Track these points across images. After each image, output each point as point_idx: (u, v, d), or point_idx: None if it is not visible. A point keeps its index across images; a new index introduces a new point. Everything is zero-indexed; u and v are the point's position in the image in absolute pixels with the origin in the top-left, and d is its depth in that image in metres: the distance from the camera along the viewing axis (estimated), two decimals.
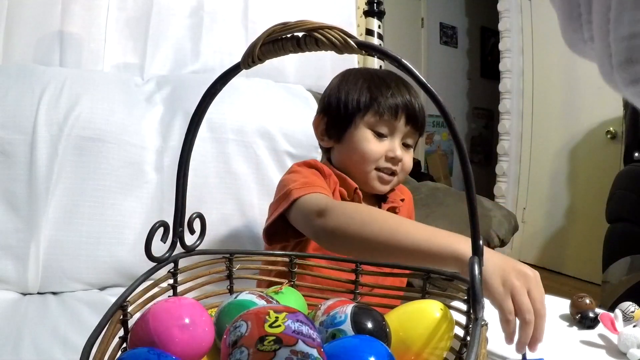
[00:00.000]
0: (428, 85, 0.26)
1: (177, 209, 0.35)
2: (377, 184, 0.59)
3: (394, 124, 0.58)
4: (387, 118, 0.57)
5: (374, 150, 0.57)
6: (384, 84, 0.58)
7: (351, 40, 0.27)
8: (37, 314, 0.62)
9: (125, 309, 0.29)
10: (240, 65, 0.31)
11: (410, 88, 0.59)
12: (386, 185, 0.59)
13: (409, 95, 0.58)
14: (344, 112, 0.59)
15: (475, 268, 0.26)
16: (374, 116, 0.57)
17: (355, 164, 0.59)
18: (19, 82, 0.74)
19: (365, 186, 0.59)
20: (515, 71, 2.12)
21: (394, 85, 0.58)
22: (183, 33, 0.96)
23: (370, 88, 0.58)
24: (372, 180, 0.59)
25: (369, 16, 1.32)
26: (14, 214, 0.68)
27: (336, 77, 0.63)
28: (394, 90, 0.58)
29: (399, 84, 0.59)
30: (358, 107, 0.58)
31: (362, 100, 0.58)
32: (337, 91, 0.60)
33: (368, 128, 0.58)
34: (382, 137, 0.58)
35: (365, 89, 0.58)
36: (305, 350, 0.24)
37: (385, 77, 0.59)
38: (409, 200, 0.68)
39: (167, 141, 0.79)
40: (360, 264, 0.41)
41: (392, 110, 0.57)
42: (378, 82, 0.58)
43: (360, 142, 0.58)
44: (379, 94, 0.58)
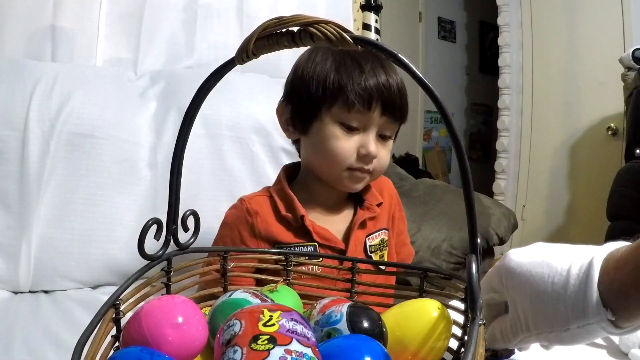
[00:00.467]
0: (425, 81, 0.25)
1: (170, 206, 0.35)
2: (348, 183, 0.52)
3: (368, 116, 0.49)
4: (359, 109, 0.48)
5: (344, 148, 0.49)
6: (356, 67, 0.48)
7: (347, 35, 0.26)
8: (28, 313, 0.62)
9: (118, 307, 0.28)
10: (234, 61, 0.30)
11: (388, 68, 0.50)
12: (359, 183, 0.52)
13: (386, 77, 0.49)
14: (308, 102, 0.50)
15: (472, 266, 0.25)
16: (343, 108, 0.48)
17: (323, 164, 0.52)
18: (10, 77, 0.73)
19: (337, 186, 0.53)
20: (514, 66, 2.11)
21: (369, 69, 0.48)
22: (177, 28, 0.95)
23: (339, 71, 0.48)
24: (343, 181, 0.52)
25: (365, 10, 1.31)
26: (5, 211, 0.68)
27: (304, 54, 0.52)
28: (367, 74, 0.48)
29: (375, 66, 0.49)
30: (323, 97, 0.49)
31: (329, 87, 0.48)
32: (302, 73, 0.51)
33: (336, 122, 0.49)
34: (353, 130, 0.49)
35: (333, 73, 0.48)
36: (299, 350, 0.24)
37: (359, 57, 0.49)
38: (390, 197, 0.59)
39: (160, 137, 0.78)
40: (357, 262, 0.40)
41: (364, 101, 0.48)
42: (349, 65, 0.48)
43: (327, 140, 0.49)
44: (348, 80, 0.48)
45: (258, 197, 0.54)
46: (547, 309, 0.29)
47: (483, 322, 0.25)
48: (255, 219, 0.51)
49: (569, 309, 0.28)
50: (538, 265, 0.30)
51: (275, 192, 0.54)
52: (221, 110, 0.82)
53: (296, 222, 0.51)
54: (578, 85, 1.90)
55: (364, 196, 0.56)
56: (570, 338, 0.29)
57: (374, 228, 0.55)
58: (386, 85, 0.48)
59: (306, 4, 1.05)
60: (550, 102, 2.01)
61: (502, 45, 2.14)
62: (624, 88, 1.49)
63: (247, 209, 0.52)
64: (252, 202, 0.53)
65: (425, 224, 0.91)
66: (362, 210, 0.55)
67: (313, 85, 0.49)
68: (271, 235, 0.50)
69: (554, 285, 0.28)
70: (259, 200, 0.53)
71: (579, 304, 0.27)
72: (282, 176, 0.55)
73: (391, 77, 0.49)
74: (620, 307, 0.27)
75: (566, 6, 1.89)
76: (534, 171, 2.09)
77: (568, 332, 0.28)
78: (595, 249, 0.29)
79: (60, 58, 0.86)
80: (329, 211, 0.55)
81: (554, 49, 1.97)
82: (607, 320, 0.27)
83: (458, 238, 0.89)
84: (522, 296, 0.30)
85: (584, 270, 0.28)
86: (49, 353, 0.54)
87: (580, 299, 0.27)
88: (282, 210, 0.52)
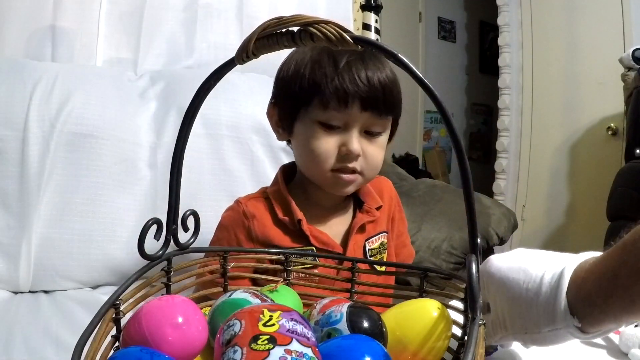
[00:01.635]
0: (425, 81, 0.25)
1: (170, 206, 0.34)
2: (334, 187, 0.49)
3: (346, 113, 0.46)
4: (335, 107, 0.46)
5: (323, 148, 0.47)
6: (331, 63, 0.46)
7: (347, 34, 0.26)
8: (28, 313, 0.61)
9: (118, 307, 0.28)
10: (234, 61, 0.30)
11: (370, 63, 0.46)
12: (347, 187, 0.49)
13: (365, 72, 0.45)
14: (289, 103, 0.49)
15: (472, 266, 0.25)
16: (319, 107, 0.46)
17: (308, 166, 0.50)
18: (10, 77, 0.73)
19: (326, 189, 0.51)
20: (514, 66, 2.11)
21: (344, 64, 0.45)
22: (177, 27, 0.95)
23: (314, 70, 0.46)
24: (330, 185, 0.49)
25: (365, 10, 1.31)
26: (5, 211, 0.68)
27: (290, 53, 0.50)
28: (342, 70, 0.45)
29: (352, 60, 0.46)
30: (301, 97, 0.47)
31: (304, 87, 0.46)
32: (282, 74, 0.49)
33: (315, 121, 0.47)
34: (333, 129, 0.47)
35: (309, 72, 0.46)
36: (299, 350, 0.24)
37: (336, 53, 0.46)
38: (390, 198, 0.58)
39: (160, 137, 0.78)
40: (357, 262, 0.40)
41: (340, 98, 0.45)
42: (324, 62, 0.46)
43: (308, 141, 0.47)
44: (322, 77, 0.45)
45: (255, 199, 0.53)
46: (521, 312, 0.31)
47: (483, 322, 0.25)
48: (252, 222, 0.50)
49: (540, 314, 0.30)
50: (515, 271, 0.32)
51: (272, 194, 0.52)
52: (221, 110, 0.82)
53: (293, 225, 0.50)
54: (578, 85, 1.90)
55: (364, 198, 0.54)
56: (542, 340, 0.31)
57: (374, 231, 0.54)
58: (363, 80, 0.45)
59: (306, 4, 1.05)
60: (550, 102, 2.01)
61: (502, 45, 2.14)
62: (624, 88, 1.49)
63: (244, 212, 0.51)
64: (248, 205, 0.52)
65: (425, 224, 0.91)
66: (361, 214, 0.53)
67: (291, 86, 0.48)
68: (268, 239, 0.49)
69: (528, 291, 0.31)
70: (255, 203, 0.52)
71: (549, 310, 0.30)
72: (279, 177, 0.54)
73: (370, 71, 0.46)
74: (586, 315, 0.29)
75: (566, 6, 1.89)
76: (534, 171, 2.09)
77: (540, 334, 0.31)
78: (569, 258, 0.32)
79: (60, 58, 0.86)
80: (326, 213, 0.53)
81: (554, 49, 1.97)
82: (574, 326, 0.29)
83: (458, 238, 0.89)
84: (501, 299, 0.33)
85: (555, 278, 0.30)
86: (49, 353, 0.54)
87: (550, 306, 0.30)
88: (279, 214, 0.50)
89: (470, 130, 2.83)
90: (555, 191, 1.99)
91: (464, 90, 2.77)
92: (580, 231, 1.89)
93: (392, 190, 0.59)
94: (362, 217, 0.53)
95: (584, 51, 1.86)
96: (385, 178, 0.60)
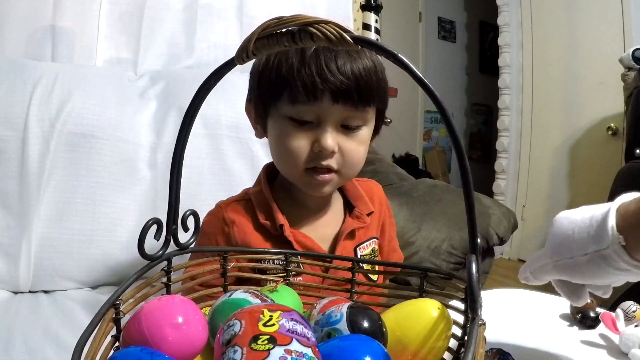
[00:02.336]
0: (425, 81, 0.25)
1: (170, 206, 0.34)
2: (309, 187, 0.46)
3: (316, 106, 0.42)
4: (304, 101, 0.42)
5: (294, 146, 0.43)
6: (298, 54, 0.42)
7: (347, 34, 0.26)
8: (28, 313, 0.61)
9: (118, 307, 0.28)
10: (234, 61, 0.30)
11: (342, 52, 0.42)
12: (323, 187, 0.46)
13: (336, 61, 0.42)
14: (259, 99, 0.46)
15: (472, 266, 0.25)
16: (287, 101, 0.43)
17: (281, 165, 0.47)
18: (10, 78, 0.73)
19: (304, 190, 0.47)
20: (514, 66, 2.12)
21: (311, 54, 0.42)
22: (177, 28, 0.95)
23: (281, 63, 0.43)
24: (304, 185, 0.46)
25: (366, 10, 1.31)
26: (5, 211, 0.68)
27: None
28: (309, 61, 0.41)
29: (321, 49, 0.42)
30: (269, 93, 0.44)
31: (272, 81, 0.43)
32: (254, 70, 0.46)
33: (285, 117, 0.44)
34: (305, 125, 0.43)
35: (276, 65, 0.43)
36: (299, 350, 0.24)
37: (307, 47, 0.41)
38: (380, 204, 0.55)
39: (160, 137, 0.78)
40: (357, 262, 0.40)
41: (308, 90, 0.41)
42: (291, 54, 0.42)
43: (278, 137, 0.45)
44: (288, 70, 0.42)
45: (236, 202, 0.50)
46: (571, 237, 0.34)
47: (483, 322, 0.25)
48: (231, 229, 0.47)
49: (590, 234, 0.33)
50: (573, 213, 0.36)
51: (254, 196, 0.49)
52: (221, 110, 0.82)
53: (275, 230, 0.47)
54: (578, 85, 1.90)
55: (355, 203, 0.51)
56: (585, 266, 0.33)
57: (364, 237, 0.51)
58: (332, 70, 0.41)
59: (306, 4, 1.05)
60: (550, 102, 2.01)
61: (502, 45, 2.15)
62: (624, 88, 1.49)
63: (224, 218, 0.48)
64: (228, 210, 0.49)
65: (425, 224, 0.91)
66: (351, 219, 0.50)
67: (261, 80, 0.45)
68: (248, 246, 0.47)
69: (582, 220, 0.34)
70: (236, 207, 0.49)
71: (599, 229, 0.32)
72: (262, 176, 0.51)
73: (341, 59, 0.42)
74: (632, 238, 0.31)
75: (566, 6, 1.89)
76: (534, 171, 2.09)
77: (585, 257, 0.33)
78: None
79: (60, 58, 0.86)
80: (312, 215, 0.50)
81: (554, 48, 1.97)
82: (620, 245, 0.31)
83: (458, 238, 0.88)
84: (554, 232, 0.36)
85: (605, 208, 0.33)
86: (49, 353, 0.54)
87: (600, 226, 0.32)
88: (260, 218, 0.47)
89: (471, 130, 2.83)
90: (555, 191, 2.00)
91: (464, 90, 2.78)
92: None
93: (382, 195, 0.57)
94: (352, 223, 0.50)
95: (584, 51, 1.86)
96: (376, 182, 0.57)
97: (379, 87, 0.45)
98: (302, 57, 0.42)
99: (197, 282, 0.37)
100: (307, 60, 0.42)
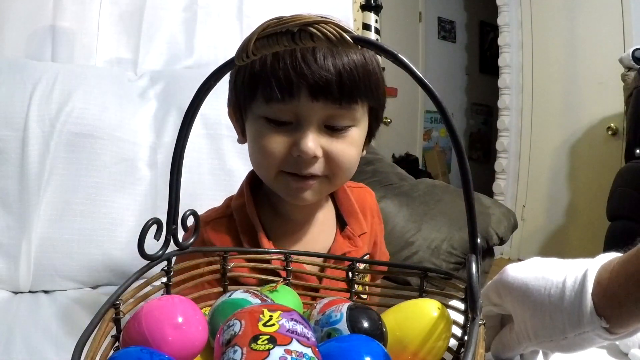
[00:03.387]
0: (425, 81, 0.25)
1: (170, 206, 0.34)
2: (290, 196, 0.41)
3: (293, 105, 0.38)
4: (277, 98, 0.38)
5: (269, 148, 0.39)
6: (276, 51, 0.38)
7: (347, 34, 0.26)
8: (28, 313, 0.61)
9: (118, 307, 0.28)
10: (234, 61, 0.30)
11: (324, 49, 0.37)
12: (303, 193, 0.41)
13: (314, 55, 0.37)
14: (235, 100, 0.43)
15: (472, 266, 0.25)
16: (261, 100, 0.39)
17: (259, 172, 0.43)
18: (10, 77, 0.73)
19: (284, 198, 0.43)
20: (514, 66, 2.12)
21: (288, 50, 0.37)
22: (177, 28, 0.95)
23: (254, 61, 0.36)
24: (283, 192, 0.42)
25: (365, 10, 1.31)
26: (5, 212, 0.68)
27: None
28: (283, 56, 0.37)
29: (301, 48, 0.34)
30: (242, 92, 0.41)
31: (245, 80, 0.40)
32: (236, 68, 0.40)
33: (260, 117, 0.40)
34: (283, 125, 0.39)
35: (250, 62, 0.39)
36: (299, 350, 0.24)
37: None
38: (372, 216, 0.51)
39: (160, 137, 0.78)
40: (357, 262, 0.40)
41: (282, 86, 0.37)
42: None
43: (254, 139, 0.41)
44: (262, 68, 0.38)
45: (216, 220, 0.45)
46: (545, 320, 0.30)
47: (483, 322, 0.25)
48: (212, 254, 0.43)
49: (565, 319, 0.29)
50: (534, 279, 0.31)
51: (237, 212, 0.44)
52: (221, 110, 0.81)
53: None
54: (578, 85, 1.90)
55: (347, 219, 0.47)
56: (569, 346, 0.30)
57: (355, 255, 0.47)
58: (310, 63, 0.37)
59: (306, 4, 1.05)
60: (550, 102, 2.02)
61: (502, 45, 2.15)
62: (624, 88, 1.49)
63: (204, 240, 0.43)
64: (208, 230, 0.44)
65: (425, 224, 0.91)
66: (342, 238, 0.46)
67: (237, 80, 0.42)
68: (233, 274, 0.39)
69: (551, 297, 0.30)
70: (216, 227, 0.44)
71: (575, 313, 0.29)
72: (245, 187, 0.45)
73: (320, 53, 0.38)
74: (614, 316, 0.28)
75: (566, 6, 1.89)
76: (534, 171, 2.09)
77: (566, 340, 0.30)
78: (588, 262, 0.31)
79: (60, 58, 0.86)
80: (298, 229, 0.46)
81: (553, 49, 1.97)
82: (602, 328, 0.28)
83: (458, 238, 0.89)
84: (522, 308, 0.32)
85: (578, 281, 0.29)
86: (49, 353, 0.54)
87: (575, 309, 0.29)
88: (243, 241, 0.43)
89: (470, 130, 2.83)
90: (555, 191, 2.00)
91: (464, 90, 2.78)
92: (580, 231, 1.89)
93: (374, 205, 0.52)
94: (343, 245, 0.46)
95: (584, 51, 1.87)
96: (369, 189, 0.53)
97: (368, 83, 0.40)
98: (275, 54, 0.37)
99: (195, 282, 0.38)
100: (281, 54, 0.37)
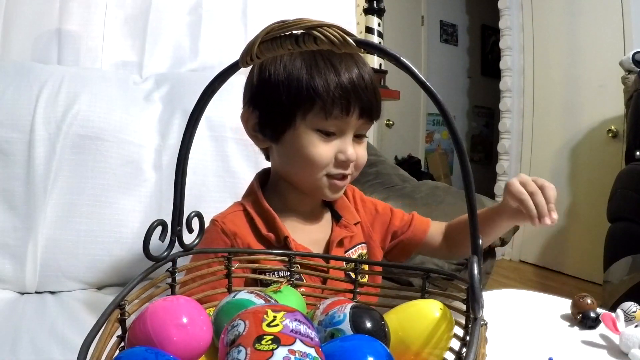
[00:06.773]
0: (428, 84, 0.26)
1: (175, 207, 0.35)
2: (327, 192, 0.48)
3: (345, 121, 0.45)
4: (337, 115, 0.44)
5: (322, 155, 0.46)
6: (330, 68, 0.44)
7: (350, 38, 0.26)
8: (34, 314, 0.62)
9: (123, 307, 0.29)
10: (238, 63, 0.30)
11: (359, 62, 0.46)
12: (339, 192, 0.50)
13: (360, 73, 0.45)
14: (279, 109, 0.45)
15: (474, 267, 0.26)
16: (320, 115, 0.44)
17: (299, 172, 0.48)
18: (16, 80, 0.74)
19: (315, 195, 0.50)
20: (516, 69, 2.12)
21: (343, 69, 0.44)
22: (182, 31, 0.96)
23: (312, 75, 0.43)
24: (322, 189, 0.48)
25: (368, 14, 1.32)
26: (11, 213, 0.68)
27: None
28: (342, 76, 0.44)
29: (347, 61, 0.44)
30: (297, 104, 0.44)
31: (302, 93, 0.44)
32: (268, 76, 0.45)
33: (313, 129, 0.45)
34: (330, 135, 0.46)
35: (305, 76, 0.43)
36: (303, 350, 0.24)
37: (330, 56, 0.44)
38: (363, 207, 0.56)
39: (165, 139, 0.78)
40: (359, 263, 0.40)
41: (342, 107, 0.44)
42: (322, 65, 0.44)
43: (305, 148, 0.45)
44: (323, 84, 0.43)
45: (232, 214, 0.49)
46: None
47: (485, 323, 0.26)
48: (234, 241, 0.47)
49: None
50: None
51: (251, 206, 0.49)
52: (225, 112, 0.82)
53: (278, 242, 0.47)
54: (579, 87, 1.90)
55: (341, 212, 0.53)
56: None
57: (350, 244, 0.52)
58: (362, 86, 0.45)
59: (309, 7, 1.05)
60: (551, 104, 2.01)
61: (503, 49, 2.15)
62: (624, 91, 1.49)
63: (223, 230, 0.47)
64: (227, 222, 0.48)
65: None
66: (339, 228, 0.51)
67: (283, 91, 0.44)
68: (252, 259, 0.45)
69: None
70: (234, 219, 0.48)
71: None
72: (255, 187, 0.51)
73: (362, 70, 0.45)
74: None
75: (567, 9, 1.90)
76: (535, 173, 2.07)
77: None
78: None
79: (66, 61, 0.86)
80: (305, 219, 0.51)
81: (554, 51, 1.97)
82: None
83: None
84: None
85: None
86: (55, 353, 0.54)
87: None
88: (262, 230, 0.47)
89: (472, 132, 2.83)
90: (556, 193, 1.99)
91: (465, 93, 2.78)
92: (581, 232, 1.89)
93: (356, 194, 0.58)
94: (341, 232, 0.51)
95: (585, 54, 1.87)
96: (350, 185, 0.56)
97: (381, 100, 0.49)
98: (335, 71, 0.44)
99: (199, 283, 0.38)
100: (341, 75, 0.44)
